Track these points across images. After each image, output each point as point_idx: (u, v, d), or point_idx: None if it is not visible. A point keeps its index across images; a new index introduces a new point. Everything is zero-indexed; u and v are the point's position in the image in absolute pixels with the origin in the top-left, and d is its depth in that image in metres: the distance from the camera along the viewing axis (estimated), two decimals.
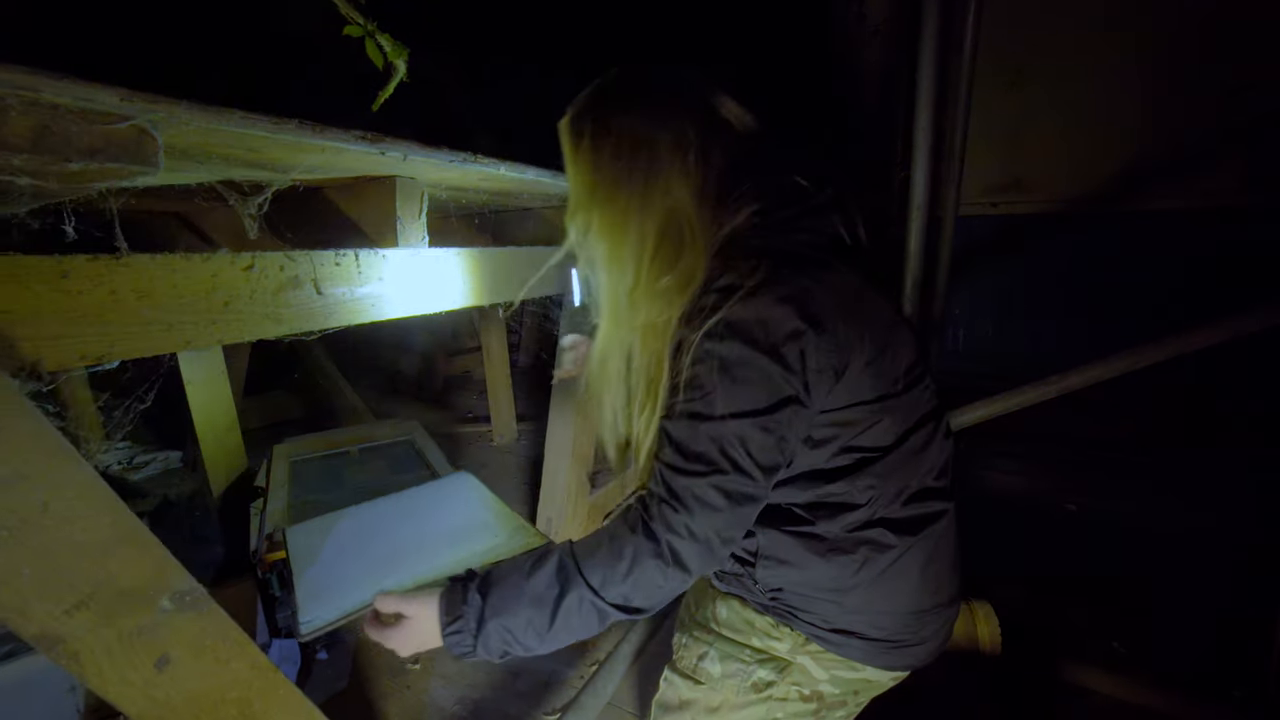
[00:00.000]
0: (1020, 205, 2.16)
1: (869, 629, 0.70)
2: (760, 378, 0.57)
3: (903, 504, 0.68)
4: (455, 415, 3.57)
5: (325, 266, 0.95)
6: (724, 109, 0.68)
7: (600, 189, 0.66)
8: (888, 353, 0.64)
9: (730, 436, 0.58)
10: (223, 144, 0.71)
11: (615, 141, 0.64)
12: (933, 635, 0.74)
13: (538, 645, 0.63)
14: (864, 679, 0.73)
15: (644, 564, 0.60)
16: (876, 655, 0.71)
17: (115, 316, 0.71)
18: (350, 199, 1.09)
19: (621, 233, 0.65)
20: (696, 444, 0.59)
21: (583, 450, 1.66)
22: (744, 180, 0.65)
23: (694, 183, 0.64)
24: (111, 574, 0.63)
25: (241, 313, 0.84)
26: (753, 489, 0.59)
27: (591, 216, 0.67)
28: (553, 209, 1.67)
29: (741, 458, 0.58)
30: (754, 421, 0.57)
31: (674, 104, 0.65)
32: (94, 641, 0.61)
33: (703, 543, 0.59)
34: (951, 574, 0.75)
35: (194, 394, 1.82)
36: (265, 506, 1.49)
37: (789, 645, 0.74)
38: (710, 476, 0.58)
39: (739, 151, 0.67)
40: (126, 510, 0.65)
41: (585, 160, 0.67)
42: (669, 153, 0.63)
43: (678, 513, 0.59)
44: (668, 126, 0.64)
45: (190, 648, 0.70)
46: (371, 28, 0.76)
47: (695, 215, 0.64)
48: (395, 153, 0.81)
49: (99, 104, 0.49)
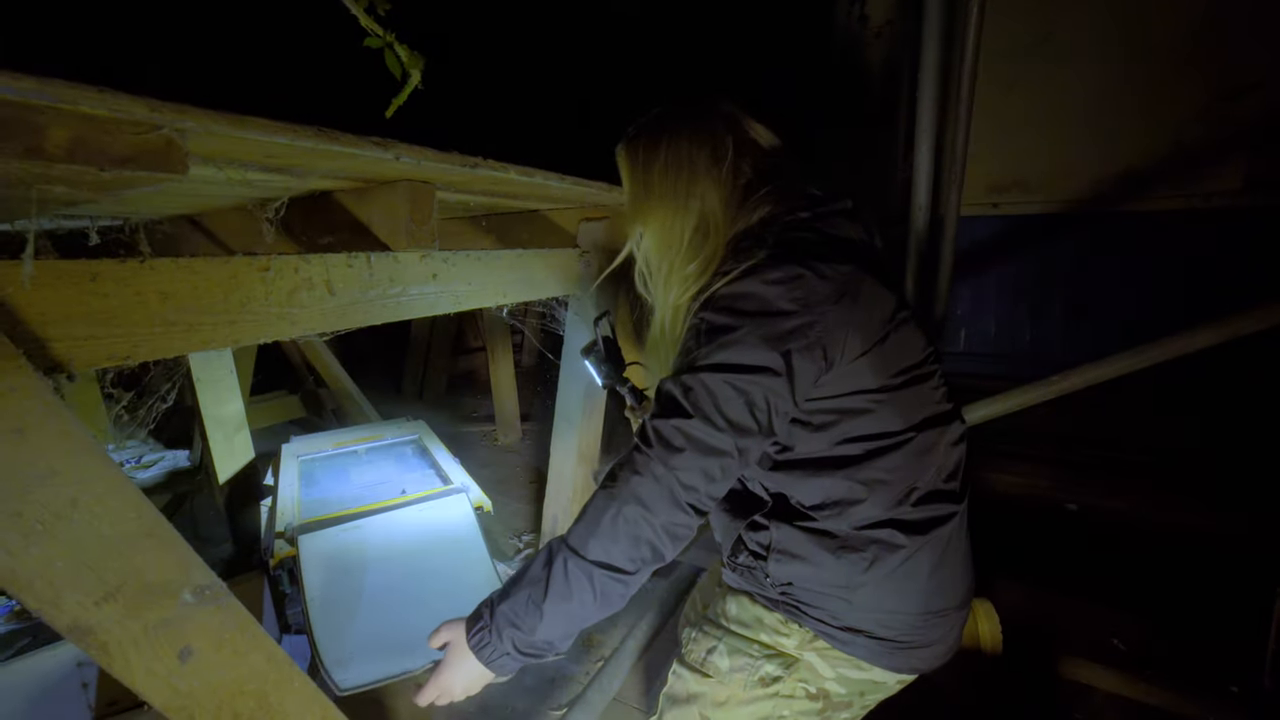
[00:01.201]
0: (1023, 205, 2.17)
1: (877, 628, 0.71)
2: (736, 341, 0.63)
3: (913, 505, 0.69)
4: (460, 415, 3.59)
5: (338, 269, 0.97)
6: (752, 131, 0.79)
7: (653, 198, 0.78)
8: (887, 345, 0.68)
9: (700, 386, 0.63)
10: (244, 151, 0.73)
11: (664, 160, 0.77)
12: (940, 639, 0.75)
13: (539, 623, 0.65)
14: (871, 680, 0.75)
15: (612, 510, 0.64)
16: (884, 655, 0.72)
17: (141, 318, 0.73)
18: (362, 202, 1.11)
19: (667, 231, 0.77)
20: (673, 392, 0.65)
21: (588, 449, 1.68)
22: (764, 188, 0.75)
23: (724, 192, 0.76)
24: (137, 567, 0.65)
25: (258, 314, 0.86)
26: (716, 440, 0.62)
27: (646, 220, 0.80)
28: (558, 210, 1.69)
29: (708, 406, 0.62)
30: (725, 377, 0.63)
31: (711, 128, 0.78)
32: (121, 633, 0.63)
33: (662, 483, 0.62)
34: (961, 578, 0.76)
35: (204, 393, 1.84)
36: (275, 504, 1.52)
37: (797, 641, 0.75)
38: (675, 419, 0.63)
39: (764, 165, 0.78)
40: (150, 505, 0.67)
41: (640, 176, 0.79)
42: (706, 168, 0.76)
43: (642, 452, 0.64)
44: (706, 147, 0.76)
45: (211, 640, 0.72)
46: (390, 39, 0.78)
47: (721, 216, 0.75)
48: (409, 158, 0.83)
49: (131, 114, 0.51)
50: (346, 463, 1.84)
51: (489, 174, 0.99)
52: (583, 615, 0.65)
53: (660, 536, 0.64)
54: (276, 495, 1.56)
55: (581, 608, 0.65)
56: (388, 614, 1.23)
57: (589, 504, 0.67)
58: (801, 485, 0.71)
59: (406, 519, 1.41)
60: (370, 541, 1.34)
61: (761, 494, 0.76)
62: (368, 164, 0.86)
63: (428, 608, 1.28)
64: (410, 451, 1.93)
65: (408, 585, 1.29)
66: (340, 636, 1.17)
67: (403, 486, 1.63)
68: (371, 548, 1.33)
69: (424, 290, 1.12)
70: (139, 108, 0.51)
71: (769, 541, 0.73)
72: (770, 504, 0.75)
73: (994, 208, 2.21)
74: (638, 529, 0.63)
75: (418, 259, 1.10)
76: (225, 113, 0.59)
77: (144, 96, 0.51)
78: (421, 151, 0.84)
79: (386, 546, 1.34)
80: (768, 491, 0.76)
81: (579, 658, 1.49)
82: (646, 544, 0.64)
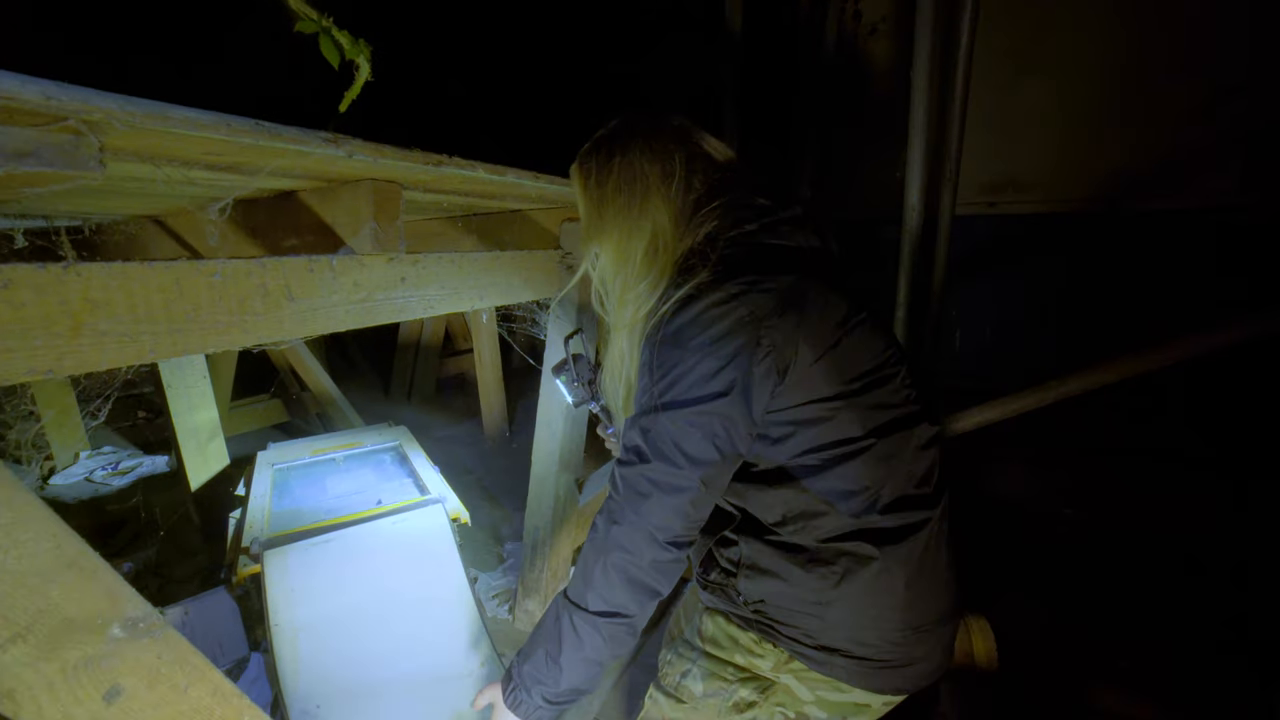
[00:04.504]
0: (1018, 205, 2.14)
1: (854, 646, 0.68)
2: (685, 374, 0.63)
3: (881, 513, 0.66)
4: (448, 417, 3.53)
5: (297, 274, 0.91)
6: (705, 144, 0.78)
7: (606, 216, 0.77)
8: (840, 350, 0.66)
9: (656, 428, 0.64)
10: (179, 147, 0.67)
11: (617, 177, 0.76)
12: (925, 656, 0.71)
13: (561, 675, 0.70)
14: (853, 702, 0.71)
15: (600, 561, 0.67)
16: (864, 676, 0.69)
17: (65, 328, 0.67)
18: (325, 202, 1.05)
19: (620, 250, 0.76)
20: (632, 438, 0.67)
21: (571, 457, 1.62)
22: (714, 203, 0.73)
23: (673, 209, 0.74)
24: (54, 603, 0.59)
25: (206, 322, 0.80)
26: (679, 479, 0.64)
27: (601, 239, 0.78)
28: (539, 210, 1.63)
29: (667, 447, 0.63)
30: (678, 414, 0.63)
31: (662, 144, 0.76)
32: (32, 677, 0.57)
33: (638, 529, 0.65)
34: (945, 589, 0.72)
35: (174, 399, 1.78)
36: (244, 517, 1.46)
37: (772, 663, 0.72)
38: (638, 466, 0.65)
39: (715, 179, 0.76)
40: (73, 535, 0.61)
41: (593, 194, 0.78)
42: (657, 185, 0.75)
43: (615, 500, 0.67)
44: (657, 164, 0.75)
45: (144, 676, 0.67)
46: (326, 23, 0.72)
47: (670, 234, 0.74)
48: (364, 156, 0.77)
49: (22, 102, 0.45)
50: (323, 471, 1.78)
51: (455, 172, 0.93)
52: (599, 659, 0.69)
53: (651, 575, 0.66)
54: (246, 506, 1.50)
55: (596, 653, 0.69)
56: (356, 641, 1.18)
57: (580, 557, 0.71)
58: (761, 499, 0.70)
59: (380, 532, 1.35)
60: (341, 557, 1.29)
61: (729, 509, 0.74)
62: (321, 162, 0.80)
63: (397, 631, 1.22)
64: (389, 459, 1.87)
65: (377, 606, 1.24)
66: (307, 672, 1.11)
67: (379, 496, 1.58)
68: (342, 564, 1.28)
69: (392, 295, 1.07)
70: (30, 93, 0.45)
71: (738, 557, 0.72)
72: (739, 519, 0.73)
73: (990, 207, 2.17)
74: (627, 573, 0.66)
75: (384, 262, 1.05)
76: (142, 101, 0.53)
77: (36, 80, 0.46)
78: (378, 149, 0.79)
79: (358, 563, 1.29)
80: (734, 506, 0.73)
81: None
82: (639, 585, 0.67)
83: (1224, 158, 1.78)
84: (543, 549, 1.59)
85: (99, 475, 2.70)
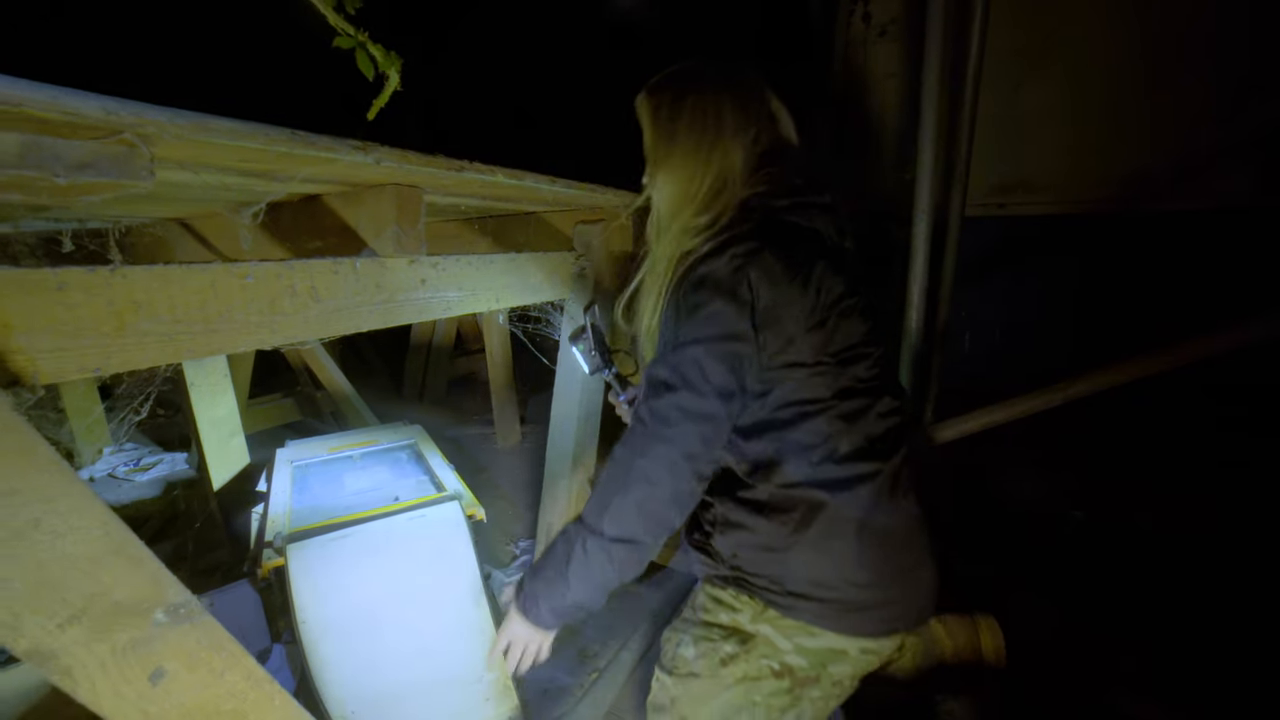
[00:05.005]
0: (1029, 206, 2.13)
1: (815, 589, 0.73)
2: (711, 315, 0.69)
3: (835, 463, 0.73)
4: (460, 417, 3.57)
5: (322, 275, 0.94)
6: (773, 106, 0.81)
7: (676, 150, 0.79)
8: (828, 326, 0.72)
9: (684, 360, 0.69)
10: (217, 155, 0.70)
11: (691, 113, 0.78)
12: (892, 601, 0.75)
13: (567, 591, 0.74)
14: (828, 647, 0.75)
15: (620, 489, 0.71)
16: (829, 619, 0.74)
17: (112, 328, 0.70)
18: (349, 206, 1.09)
19: (685, 181, 0.78)
20: (659, 372, 0.71)
21: (584, 456, 1.65)
22: (770, 166, 0.78)
23: (745, 154, 0.78)
24: (105, 587, 0.63)
25: (238, 322, 0.84)
26: (706, 406, 0.69)
27: (665, 168, 0.80)
28: (554, 213, 1.66)
29: (694, 377, 0.69)
30: (705, 347, 0.69)
31: (746, 92, 0.80)
32: (87, 656, 0.61)
33: (664, 457, 0.69)
34: (909, 538, 0.76)
35: (197, 398, 1.83)
36: (266, 511, 1.50)
37: (749, 614, 0.78)
38: (665, 396, 0.70)
39: (776, 141, 0.80)
40: (120, 523, 0.65)
41: (665, 128, 0.80)
42: (734, 129, 0.77)
43: (642, 433, 0.71)
44: (739, 108, 0.78)
45: (185, 660, 0.70)
46: (362, 38, 0.75)
47: (739, 177, 0.77)
48: (390, 162, 0.80)
49: (85, 117, 0.49)
50: (341, 468, 1.82)
51: (476, 177, 0.96)
52: (605, 582, 0.74)
53: (669, 507, 0.71)
54: (268, 502, 1.54)
55: (603, 576, 0.73)
56: (379, 640, 1.22)
57: (599, 484, 0.75)
58: (737, 449, 0.76)
59: (397, 528, 1.38)
60: (360, 551, 1.32)
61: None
62: (348, 168, 0.84)
63: (417, 627, 1.26)
64: (405, 456, 1.91)
65: (397, 601, 1.27)
66: (336, 672, 1.16)
67: (396, 493, 1.61)
68: (362, 558, 1.31)
69: (412, 296, 1.10)
70: (92, 109, 0.49)
71: (714, 517, 0.78)
72: (714, 481, 0.78)
73: (1000, 208, 2.17)
74: (647, 505, 0.70)
75: (406, 264, 1.08)
76: (189, 114, 0.56)
77: (99, 97, 0.49)
78: (404, 155, 0.82)
79: (377, 558, 1.32)
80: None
81: (573, 669, 1.47)
82: (656, 517, 0.71)
83: (1242, 159, 1.77)
84: None
85: (121, 471, 2.77)
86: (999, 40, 1.93)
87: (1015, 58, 2.03)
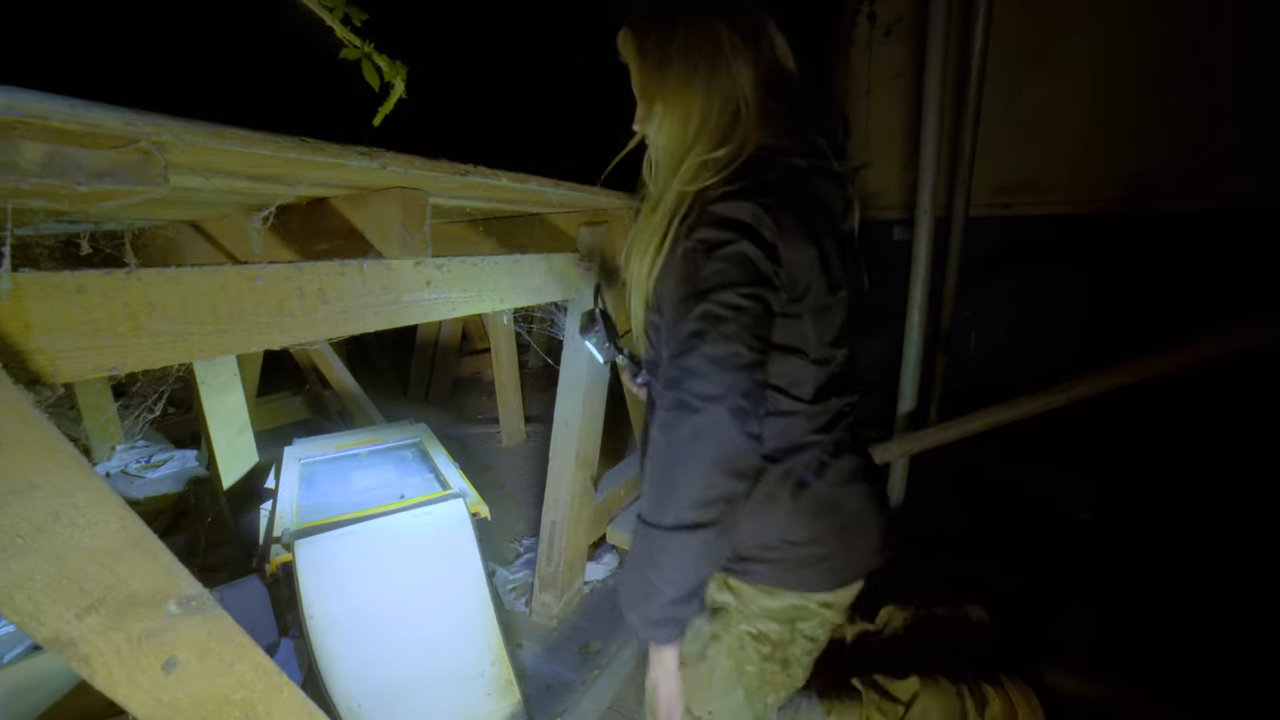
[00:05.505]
0: (1035, 206, 2.13)
1: (762, 552, 0.74)
2: (737, 255, 0.62)
3: (770, 437, 0.72)
4: (465, 416, 3.60)
5: (330, 277, 0.97)
6: (770, 26, 0.74)
7: (671, 73, 0.71)
8: (826, 315, 0.71)
9: (718, 307, 0.62)
10: (229, 162, 0.72)
11: (684, 36, 0.70)
12: (832, 555, 0.75)
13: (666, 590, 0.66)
14: (790, 605, 0.76)
15: (669, 473, 0.63)
16: (781, 578, 0.74)
17: (128, 329, 0.73)
18: (356, 209, 1.11)
19: (687, 111, 0.70)
20: (690, 327, 0.63)
21: (587, 454, 1.67)
22: (774, 100, 0.70)
23: (752, 77, 0.70)
24: (121, 579, 0.65)
25: (248, 323, 0.86)
26: (747, 355, 0.62)
27: (661, 102, 0.73)
28: (558, 214, 1.68)
29: (731, 326, 0.61)
30: (736, 291, 0.62)
31: (745, 15, 0.72)
32: (104, 645, 0.63)
33: (712, 419, 0.60)
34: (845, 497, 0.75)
35: (207, 396, 1.86)
36: (275, 508, 1.52)
37: (715, 586, 0.79)
38: (703, 348, 0.61)
39: (777, 71, 0.72)
40: (135, 517, 0.67)
41: (654, 56, 0.72)
42: (732, 45, 0.69)
43: (681, 405, 0.62)
44: (737, 23, 0.70)
45: (196, 650, 0.72)
46: (368, 49, 0.77)
47: (753, 99, 0.70)
48: (396, 167, 0.82)
49: (105, 128, 0.51)
50: (348, 466, 1.85)
51: (480, 181, 0.98)
52: (695, 571, 0.65)
53: (727, 476, 0.62)
54: (276, 499, 1.57)
55: (691, 564, 0.64)
56: (384, 636, 1.25)
57: (647, 474, 0.68)
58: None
59: (403, 525, 1.41)
60: (366, 548, 1.35)
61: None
62: (355, 173, 0.86)
63: (421, 623, 1.29)
64: (411, 455, 1.94)
65: (403, 598, 1.30)
66: (342, 667, 1.19)
67: (402, 491, 1.64)
68: (367, 555, 1.33)
69: (418, 297, 1.12)
70: (113, 121, 0.51)
71: None
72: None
73: (1005, 209, 2.17)
74: (702, 479, 0.62)
75: (411, 265, 1.10)
76: (203, 124, 0.58)
77: (118, 109, 0.51)
78: (409, 159, 0.84)
79: (382, 553, 1.34)
80: None
81: (576, 666, 1.48)
82: (715, 491, 0.62)
83: (1251, 160, 1.76)
84: (558, 543, 1.64)
85: (133, 468, 2.81)
86: (1004, 39, 1.93)
87: (1021, 57, 2.02)
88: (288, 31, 0.77)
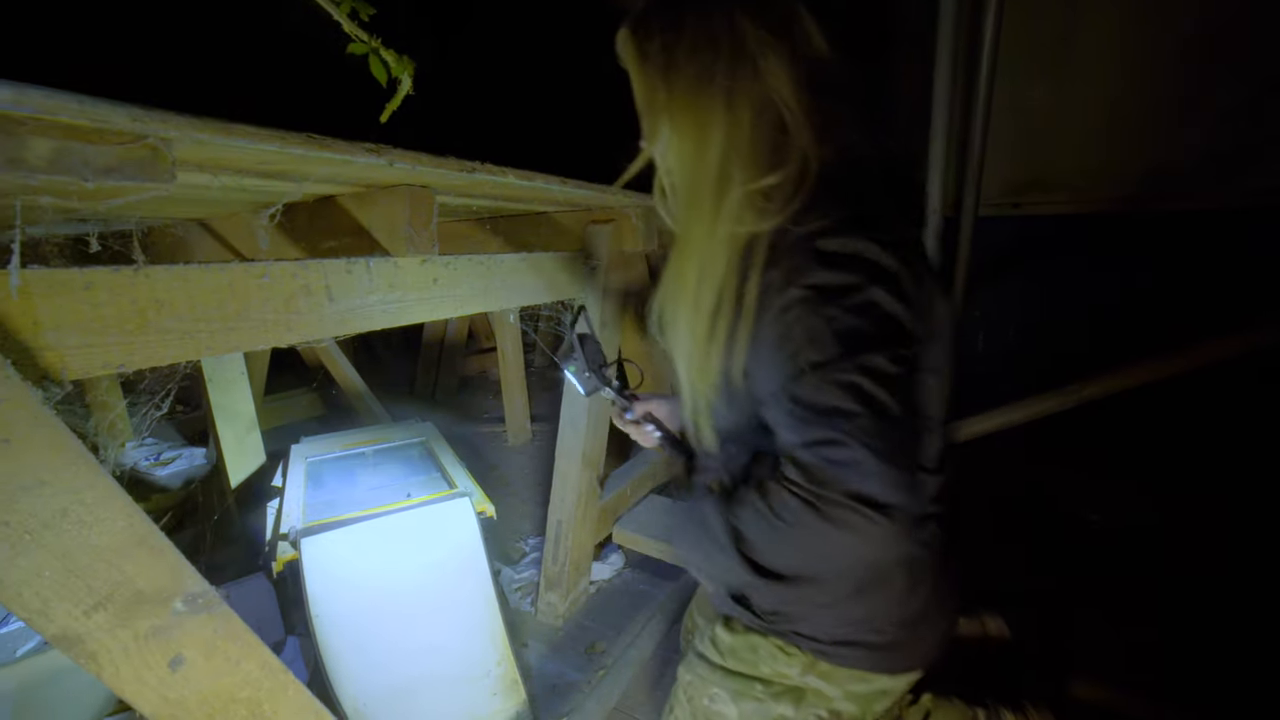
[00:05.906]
0: (1045, 205, 2.10)
1: (864, 635, 0.67)
2: (872, 308, 0.50)
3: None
4: (471, 415, 3.61)
5: (337, 275, 0.97)
6: (801, 8, 0.60)
7: (680, 85, 0.59)
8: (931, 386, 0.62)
9: (867, 381, 0.49)
10: (235, 159, 0.72)
11: (693, 34, 0.58)
12: (931, 630, 0.71)
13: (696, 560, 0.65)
14: (879, 690, 0.70)
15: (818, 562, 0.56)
16: (879, 662, 0.68)
17: (136, 326, 0.73)
18: (363, 207, 1.11)
19: (702, 127, 0.58)
20: (827, 397, 0.50)
21: (593, 454, 1.66)
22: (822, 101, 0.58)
23: (795, 70, 0.57)
24: (128, 576, 0.65)
25: (255, 320, 0.86)
26: (915, 443, 0.55)
27: (669, 117, 0.60)
28: (565, 213, 1.67)
29: (884, 396, 0.49)
30: (886, 354, 0.50)
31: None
32: (111, 642, 0.63)
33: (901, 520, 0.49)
34: (943, 573, 0.71)
35: (215, 394, 1.87)
36: (281, 506, 1.53)
37: (799, 668, 0.70)
38: (862, 434, 0.48)
39: (817, 64, 0.59)
40: (142, 515, 0.67)
41: (656, 61, 0.60)
42: (758, 38, 0.56)
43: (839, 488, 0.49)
44: (754, 10, 0.57)
45: (203, 648, 0.72)
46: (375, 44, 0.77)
47: (796, 101, 0.57)
48: (403, 164, 0.82)
49: (113, 124, 0.51)
50: (354, 464, 1.85)
51: (487, 178, 0.98)
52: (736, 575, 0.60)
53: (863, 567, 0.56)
54: (283, 496, 1.57)
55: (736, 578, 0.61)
56: (389, 635, 1.25)
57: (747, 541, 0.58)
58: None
59: (409, 524, 1.41)
60: (373, 547, 1.35)
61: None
62: (363, 170, 0.85)
63: (427, 622, 1.29)
64: (417, 454, 1.94)
65: (406, 592, 1.29)
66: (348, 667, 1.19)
67: (408, 490, 1.64)
68: (373, 553, 1.34)
69: (424, 295, 1.12)
70: (120, 117, 0.50)
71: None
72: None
73: (1015, 208, 2.14)
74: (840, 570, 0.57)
75: (418, 264, 1.10)
76: (210, 120, 0.58)
77: (126, 105, 0.51)
78: (416, 157, 0.84)
79: (388, 551, 1.34)
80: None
81: (582, 666, 1.48)
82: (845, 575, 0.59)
83: (1269, 156, 1.73)
84: (564, 542, 1.63)
85: (143, 465, 2.83)
86: (1015, 36, 1.91)
87: (1032, 54, 2.00)
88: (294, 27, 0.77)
